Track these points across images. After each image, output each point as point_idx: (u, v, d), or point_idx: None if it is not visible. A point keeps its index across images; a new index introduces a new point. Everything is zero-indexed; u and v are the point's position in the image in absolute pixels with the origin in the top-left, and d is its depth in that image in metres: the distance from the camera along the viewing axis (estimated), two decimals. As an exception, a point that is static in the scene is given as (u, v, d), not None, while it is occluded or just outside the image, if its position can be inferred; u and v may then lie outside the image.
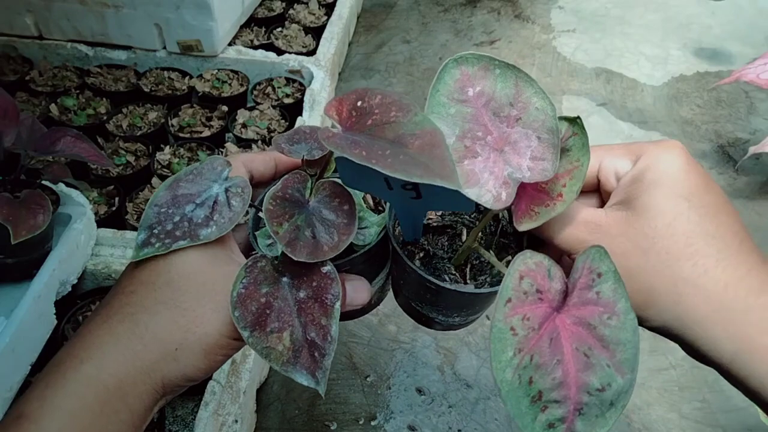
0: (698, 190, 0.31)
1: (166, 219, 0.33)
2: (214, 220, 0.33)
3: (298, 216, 0.32)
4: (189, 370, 0.32)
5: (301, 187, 0.34)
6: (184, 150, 0.93)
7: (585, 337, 0.28)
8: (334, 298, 0.31)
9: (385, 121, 0.29)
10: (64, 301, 0.66)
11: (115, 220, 0.80)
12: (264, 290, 0.32)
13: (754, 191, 1.09)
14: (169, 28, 1.04)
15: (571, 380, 0.27)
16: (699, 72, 1.40)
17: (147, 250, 0.33)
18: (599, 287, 0.29)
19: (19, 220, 0.55)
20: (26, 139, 0.58)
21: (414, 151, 0.27)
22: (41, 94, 0.99)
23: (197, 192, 0.34)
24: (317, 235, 0.32)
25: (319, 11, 1.34)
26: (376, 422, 0.71)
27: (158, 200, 0.34)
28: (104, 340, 0.31)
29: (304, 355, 0.31)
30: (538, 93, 0.32)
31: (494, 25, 1.54)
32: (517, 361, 0.27)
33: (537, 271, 0.29)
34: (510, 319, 0.28)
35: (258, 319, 0.31)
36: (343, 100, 0.30)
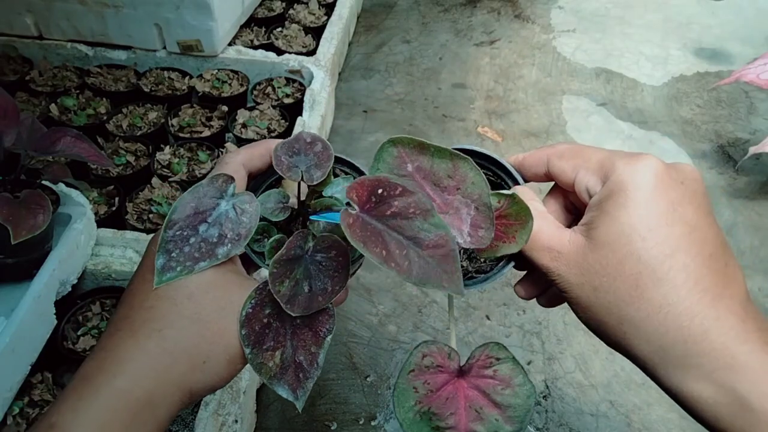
0: (659, 222, 0.31)
1: (182, 241, 0.35)
2: (228, 237, 0.35)
3: (297, 269, 0.34)
4: (215, 379, 0.34)
5: (302, 243, 0.35)
6: (184, 150, 0.93)
7: (479, 399, 0.34)
8: (326, 332, 0.34)
9: (403, 215, 0.31)
10: (64, 301, 0.66)
11: (115, 220, 0.80)
12: (267, 311, 0.34)
13: (754, 191, 1.09)
14: (169, 28, 1.04)
15: (462, 427, 0.33)
16: (699, 72, 1.40)
17: (170, 275, 0.34)
18: (497, 367, 0.34)
19: (19, 220, 0.55)
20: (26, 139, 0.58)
21: (428, 254, 0.30)
22: (41, 94, 0.99)
23: (207, 211, 0.36)
24: (313, 286, 0.34)
25: (319, 11, 1.34)
26: (376, 422, 0.71)
27: (172, 223, 0.35)
28: (135, 356, 0.32)
29: (290, 373, 0.34)
30: (473, 169, 0.35)
31: (494, 25, 1.54)
32: (417, 408, 0.33)
33: (438, 353, 0.34)
34: (413, 382, 0.33)
35: (258, 338, 0.33)
36: (365, 184, 0.32)
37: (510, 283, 0.87)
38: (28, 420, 0.60)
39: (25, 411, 0.61)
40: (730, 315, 0.30)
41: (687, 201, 0.32)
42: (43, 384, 0.63)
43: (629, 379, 0.77)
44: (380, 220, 0.31)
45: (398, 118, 1.21)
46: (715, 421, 0.29)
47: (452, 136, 1.17)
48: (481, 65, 1.38)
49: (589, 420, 0.72)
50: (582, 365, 0.78)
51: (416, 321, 0.82)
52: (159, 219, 0.80)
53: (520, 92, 1.30)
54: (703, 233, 0.31)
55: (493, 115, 1.24)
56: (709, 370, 0.29)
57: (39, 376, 0.63)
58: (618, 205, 0.31)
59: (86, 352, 0.66)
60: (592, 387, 0.76)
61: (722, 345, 0.29)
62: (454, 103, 1.26)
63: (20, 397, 0.61)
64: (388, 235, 0.30)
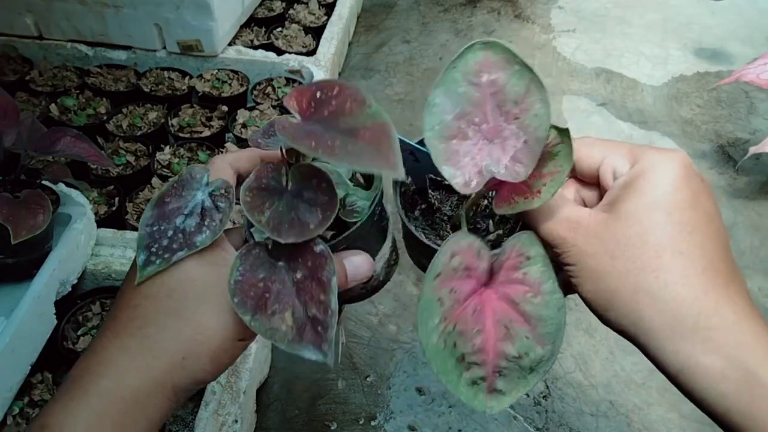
0: (683, 205, 0.32)
1: (161, 236, 0.35)
2: (206, 225, 0.34)
3: (279, 202, 0.33)
4: (198, 374, 0.33)
5: (277, 176, 0.34)
6: (184, 150, 0.93)
7: (507, 311, 0.31)
8: (329, 274, 0.32)
9: (340, 113, 0.29)
10: (64, 301, 0.66)
11: (115, 220, 0.80)
12: (261, 275, 0.33)
13: (754, 191, 1.09)
14: (169, 28, 1.04)
15: (489, 347, 0.31)
16: (699, 72, 1.40)
17: (150, 269, 0.34)
18: (527, 269, 0.32)
19: (19, 220, 0.55)
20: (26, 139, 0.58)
21: (364, 143, 0.28)
22: (41, 94, 0.99)
23: (184, 204, 0.35)
24: (301, 217, 0.32)
25: (319, 11, 1.34)
26: (376, 422, 0.71)
27: (148, 220, 0.35)
28: (118, 356, 0.33)
29: (308, 331, 0.31)
30: (543, 101, 0.32)
31: (494, 25, 1.54)
32: (441, 327, 0.31)
33: (468, 251, 0.32)
34: (438, 291, 0.31)
35: (258, 303, 0.32)
36: (304, 91, 0.31)
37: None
38: (28, 420, 0.60)
39: (25, 411, 0.61)
40: (740, 299, 0.31)
41: (706, 194, 0.33)
42: (43, 384, 0.63)
43: (629, 379, 0.77)
44: (318, 124, 0.30)
45: (398, 118, 1.21)
46: (721, 398, 0.29)
47: (452, 136, 1.17)
48: (481, 65, 1.38)
49: (589, 420, 0.72)
50: (582, 365, 0.78)
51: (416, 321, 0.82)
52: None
53: (520, 92, 1.30)
54: (718, 225, 0.33)
55: (493, 115, 1.23)
56: (720, 344, 0.29)
57: (39, 376, 0.63)
58: (647, 182, 0.32)
59: (86, 352, 0.66)
60: (592, 387, 0.76)
61: (734, 322, 0.30)
62: (454, 103, 1.26)
63: (20, 397, 0.61)
64: (323, 132, 0.29)
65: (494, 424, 0.71)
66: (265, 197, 0.33)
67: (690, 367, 0.30)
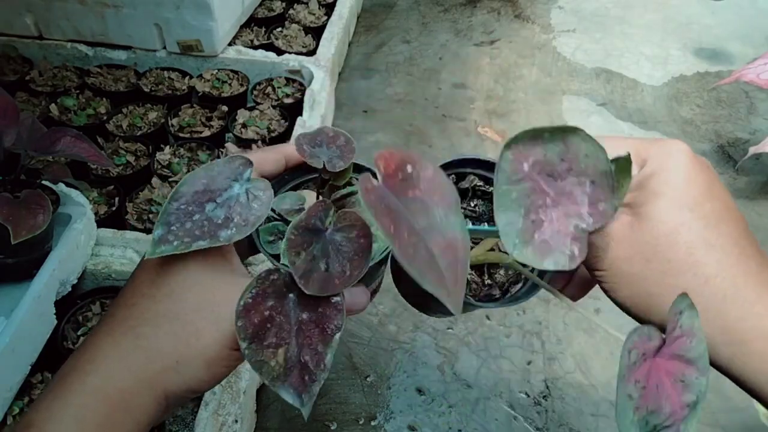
0: (701, 199, 0.32)
1: (186, 216, 0.32)
2: (234, 222, 0.33)
3: (315, 245, 0.32)
4: (192, 382, 0.32)
5: (323, 215, 0.33)
6: (184, 150, 0.92)
7: (679, 367, 0.31)
8: (335, 329, 0.31)
9: (425, 201, 0.28)
10: (64, 301, 0.66)
11: (115, 220, 0.80)
12: (269, 303, 0.31)
13: (754, 191, 1.09)
14: (169, 28, 1.04)
15: (676, 406, 0.30)
16: (699, 72, 1.40)
17: (164, 247, 0.32)
18: (681, 321, 0.31)
19: (19, 220, 0.55)
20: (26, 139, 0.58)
21: (436, 252, 0.27)
22: (41, 94, 0.99)
23: (218, 191, 0.33)
24: (330, 267, 0.31)
25: (319, 11, 1.34)
26: (376, 422, 0.71)
27: (177, 194, 0.33)
28: (108, 353, 0.31)
29: (294, 375, 0.30)
30: (585, 139, 0.32)
31: (494, 25, 1.54)
32: (637, 418, 0.30)
33: (640, 341, 0.31)
34: (627, 389, 0.30)
35: (257, 332, 0.31)
36: (394, 156, 0.29)
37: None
38: (28, 420, 0.60)
39: (25, 411, 0.61)
40: None
41: (716, 182, 0.33)
42: (43, 384, 0.63)
43: (629, 379, 0.77)
44: (400, 199, 0.28)
45: (398, 118, 1.21)
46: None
47: (452, 136, 1.17)
48: (481, 65, 1.38)
49: (589, 420, 0.72)
50: (582, 365, 0.78)
51: (416, 321, 0.82)
52: (159, 219, 0.80)
53: (520, 92, 1.30)
54: (736, 211, 0.33)
55: (493, 115, 1.23)
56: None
57: (39, 376, 0.63)
58: (661, 183, 0.32)
59: (86, 352, 0.66)
60: (593, 387, 0.76)
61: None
62: (454, 103, 1.26)
63: (20, 397, 0.61)
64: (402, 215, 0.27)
65: (494, 424, 0.71)
66: (306, 237, 0.32)
67: (741, 355, 0.30)
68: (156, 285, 0.33)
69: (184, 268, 0.33)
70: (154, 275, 0.33)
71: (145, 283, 0.33)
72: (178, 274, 0.33)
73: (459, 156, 0.40)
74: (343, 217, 0.33)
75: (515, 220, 0.32)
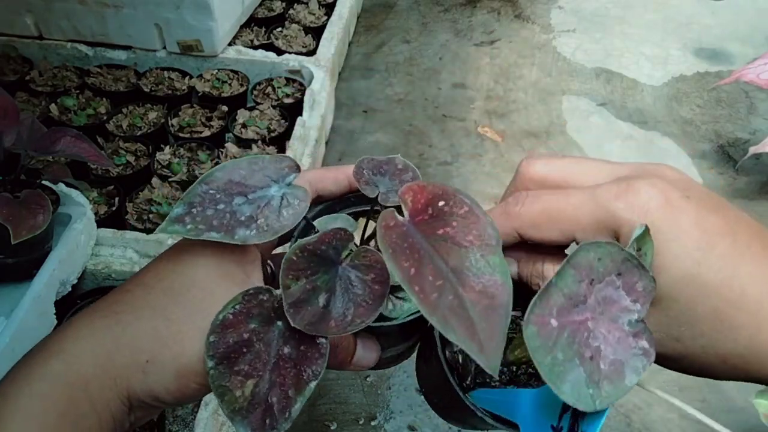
0: (698, 239, 0.28)
1: (210, 202, 0.30)
2: (257, 224, 0.29)
3: (322, 275, 0.28)
4: (157, 388, 0.28)
5: (340, 246, 0.29)
6: (184, 150, 0.93)
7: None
8: (312, 376, 0.27)
9: (457, 241, 0.24)
10: (64, 301, 0.66)
11: (115, 220, 0.80)
12: (251, 326, 0.28)
13: (754, 191, 1.09)
14: (169, 28, 1.04)
15: None
16: (699, 72, 1.40)
17: (177, 227, 0.29)
18: None
19: (19, 220, 0.55)
20: (26, 139, 0.58)
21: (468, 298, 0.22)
22: (41, 94, 0.99)
23: (253, 187, 0.31)
24: (331, 305, 0.28)
25: (319, 11, 1.34)
26: (376, 422, 0.71)
27: (210, 178, 0.31)
28: (79, 333, 0.29)
29: (257, 414, 0.27)
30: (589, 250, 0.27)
31: (494, 25, 1.54)
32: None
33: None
34: None
35: (230, 354, 0.27)
36: (425, 190, 0.26)
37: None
38: (28, 420, 0.60)
39: None
40: None
41: (700, 198, 0.29)
42: (43, 384, 0.63)
43: (629, 379, 0.77)
44: (427, 238, 0.24)
45: (398, 118, 1.21)
46: None
47: (452, 136, 1.17)
48: (481, 65, 1.38)
49: (589, 420, 0.72)
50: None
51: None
52: (159, 219, 0.80)
53: (520, 92, 1.30)
54: (723, 208, 0.29)
55: (493, 115, 1.24)
56: None
57: (39, 376, 0.63)
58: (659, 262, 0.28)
59: (86, 352, 0.66)
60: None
61: None
62: (454, 103, 1.26)
63: (20, 397, 0.61)
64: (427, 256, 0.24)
65: (494, 424, 0.71)
66: (312, 264, 0.28)
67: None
68: (158, 277, 0.30)
69: (193, 266, 0.30)
70: (162, 267, 0.31)
71: (150, 272, 0.31)
72: (183, 272, 0.30)
73: None
74: (363, 255, 0.29)
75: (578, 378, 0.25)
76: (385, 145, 1.14)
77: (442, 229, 0.25)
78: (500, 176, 1.08)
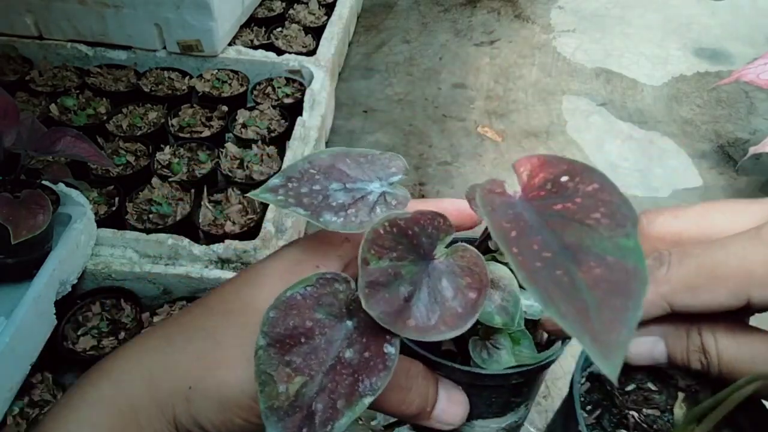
0: None
1: (308, 181, 0.28)
2: (347, 213, 0.27)
3: (409, 265, 0.25)
4: (201, 417, 0.26)
5: (435, 235, 0.25)
6: (184, 150, 0.92)
7: None
8: (368, 390, 0.23)
9: (578, 218, 0.20)
10: (64, 301, 0.66)
11: (115, 220, 0.80)
12: (317, 315, 0.25)
13: (754, 191, 1.09)
14: (169, 28, 1.04)
15: None
16: (699, 72, 1.40)
17: (268, 195, 0.28)
18: None
19: (19, 220, 0.55)
20: (26, 139, 0.58)
21: (583, 279, 0.18)
22: (41, 94, 0.99)
23: (355, 178, 0.29)
24: (413, 302, 0.24)
25: (319, 11, 1.34)
26: (376, 422, 0.70)
27: (315, 159, 0.30)
28: (133, 354, 0.27)
29: (294, 419, 0.23)
30: None
31: (494, 25, 1.54)
32: None
33: None
34: None
35: (285, 338, 0.24)
36: (547, 164, 0.22)
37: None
38: (28, 420, 0.60)
39: (25, 411, 0.61)
40: None
41: None
42: (43, 384, 0.63)
43: (629, 379, 0.77)
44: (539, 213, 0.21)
45: (398, 118, 1.21)
46: None
47: (452, 136, 1.17)
48: (481, 65, 1.38)
49: (589, 420, 0.72)
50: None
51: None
52: (159, 219, 0.80)
53: (520, 92, 1.30)
54: None
55: (493, 115, 1.23)
56: None
57: (39, 376, 0.63)
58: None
59: (86, 352, 0.66)
60: (592, 387, 0.76)
61: None
62: (454, 103, 1.26)
63: (20, 397, 0.61)
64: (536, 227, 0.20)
65: (494, 424, 0.71)
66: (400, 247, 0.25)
67: None
68: (221, 298, 0.28)
69: (258, 287, 0.28)
70: (227, 289, 0.29)
71: (215, 293, 0.29)
72: (245, 292, 0.28)
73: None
74: (460, 254, 0.25)
75: None
76: (385, 145, 1.14)
77: (561, 204, 0.21)
78: (500, 176, 1.08)
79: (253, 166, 0.90)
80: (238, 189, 0.85)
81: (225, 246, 0.74)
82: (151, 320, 0.68)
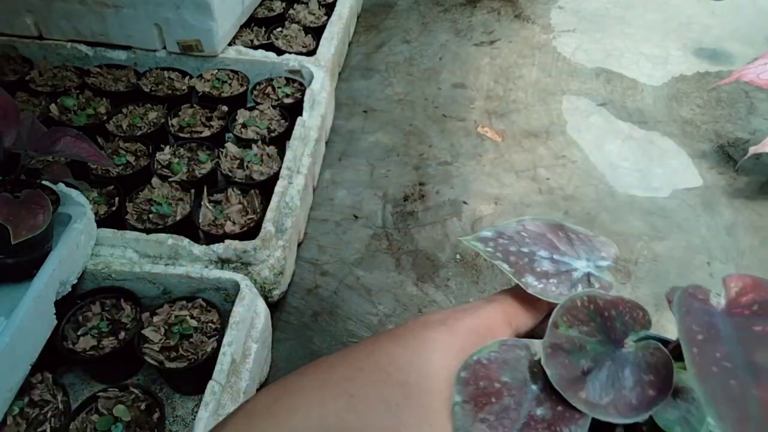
0: None
1: (517, 242, 0.30)
2: (549, 281, 0.28)
3: (596, 345, 0.25)
4: None
5: (630, 324, 0.25)
6: (184, 150, 0.93)
7: None
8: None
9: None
10: (64, 301, 0.66)
11: (115, 220, 0.80)
12: (504, 378, 0.25)
13: (754, 191, 1.09)
14: (169, 28, 1.04)
15: None
16: (699, 72, 1.40)
17: (478, 244, 0.30)
18: None
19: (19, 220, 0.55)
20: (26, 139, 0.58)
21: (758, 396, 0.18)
22: (41, 94, 0.99)
23: (562, 250, 0.30)
24: (590, 377, 0.24)
25: (319, 11, 1.34)
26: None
27: (527, 224, 0.31)
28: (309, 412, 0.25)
29: None
30: None
31: (494, 25, 1.54)
32: None
33: None
34: None
35: (479, 396, 0.25)
36: (761, 287, 0.22)
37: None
38: (28, 420, 0.60)
39: (25, 411, 0.61)
40: None
41: None
42: (43, 384, 0.63)
43: (629, 379, 0.77)
44: (737, 328, 0.21)
45: (398, 118, 1.21)
46: None
47: (452, 136, 1.17)
48: (481, 65, 1.38)
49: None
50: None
51: (416, 321, 0.82)
52: (159, 219, 0.80)
53: (520, 92, 1.31)
54: None
55: (493, 115, 1.24)
56: None
57: (39, 376, 0.63)
58: None
59: (86, 352, 0.66)
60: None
61: None
62: (454, 103, 1.26)
63: (20, 397, 0.61)
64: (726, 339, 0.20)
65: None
66: (592, 324, 0.25)
67: None
68: (395, 364, 0.27)
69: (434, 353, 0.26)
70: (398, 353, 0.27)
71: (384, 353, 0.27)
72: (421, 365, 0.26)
73: None
74: (650, 352, 0.24)
75: None
76: (385, 145, 1.14)
77: (761, 327, 0.21)
78: (500, 176, 1.08)
79: (253, 166, 0.90)
80: (238, 189, 0.85)
81: (225, 246, 0.74)
82: (150, 320, 0.68)
